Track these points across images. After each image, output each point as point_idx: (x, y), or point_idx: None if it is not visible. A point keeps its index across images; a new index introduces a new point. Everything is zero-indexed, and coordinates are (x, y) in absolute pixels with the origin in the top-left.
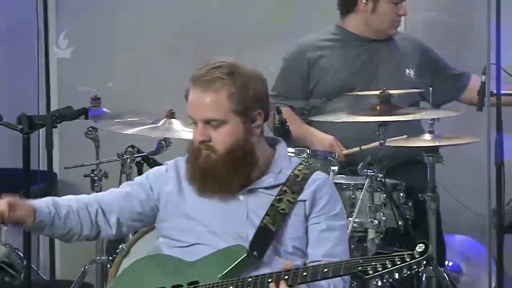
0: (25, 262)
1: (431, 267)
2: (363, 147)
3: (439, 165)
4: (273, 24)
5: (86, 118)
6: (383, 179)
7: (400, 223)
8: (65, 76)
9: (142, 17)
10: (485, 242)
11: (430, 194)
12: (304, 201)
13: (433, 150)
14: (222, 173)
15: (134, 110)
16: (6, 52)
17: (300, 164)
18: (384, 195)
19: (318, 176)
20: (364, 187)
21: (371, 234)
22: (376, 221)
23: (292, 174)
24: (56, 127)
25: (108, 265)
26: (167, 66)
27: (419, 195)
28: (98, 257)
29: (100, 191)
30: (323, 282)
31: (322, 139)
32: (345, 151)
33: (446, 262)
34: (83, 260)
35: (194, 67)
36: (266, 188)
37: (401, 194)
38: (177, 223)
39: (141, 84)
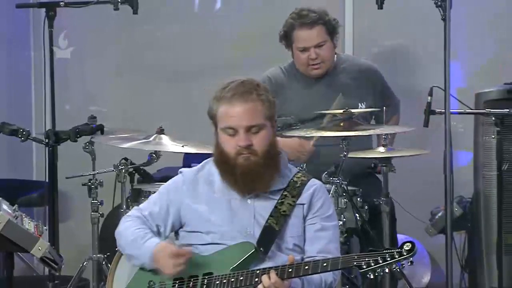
0: (62, 257)
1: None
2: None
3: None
4: (240, 57)
5: (102, 133)
6: (345, 186)
7: (359, 224)
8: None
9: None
10: (423, 241)
11: (384, 199)
12: (303, 204)
13: (386, 160)
14: (261, 172)
15: (128, 128)
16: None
17: (298, 172)
18: (345, 200)
19: (314, 182)
20: (331, 192)
21: None
22: (341, 222)
23: (292, 180)
24: (76, 141)
25: (103, 262)
26: (157, 89)
27: (374, 199)
28: (94, 255)
29: (96, 197)
30: (315, 276)
31: (290, 143)
32: (312, 142)
33: None
34: (81, 258)
35: (184, 90)
36: (270, 192)
37: (359, 199)
38: (195, 224)
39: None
